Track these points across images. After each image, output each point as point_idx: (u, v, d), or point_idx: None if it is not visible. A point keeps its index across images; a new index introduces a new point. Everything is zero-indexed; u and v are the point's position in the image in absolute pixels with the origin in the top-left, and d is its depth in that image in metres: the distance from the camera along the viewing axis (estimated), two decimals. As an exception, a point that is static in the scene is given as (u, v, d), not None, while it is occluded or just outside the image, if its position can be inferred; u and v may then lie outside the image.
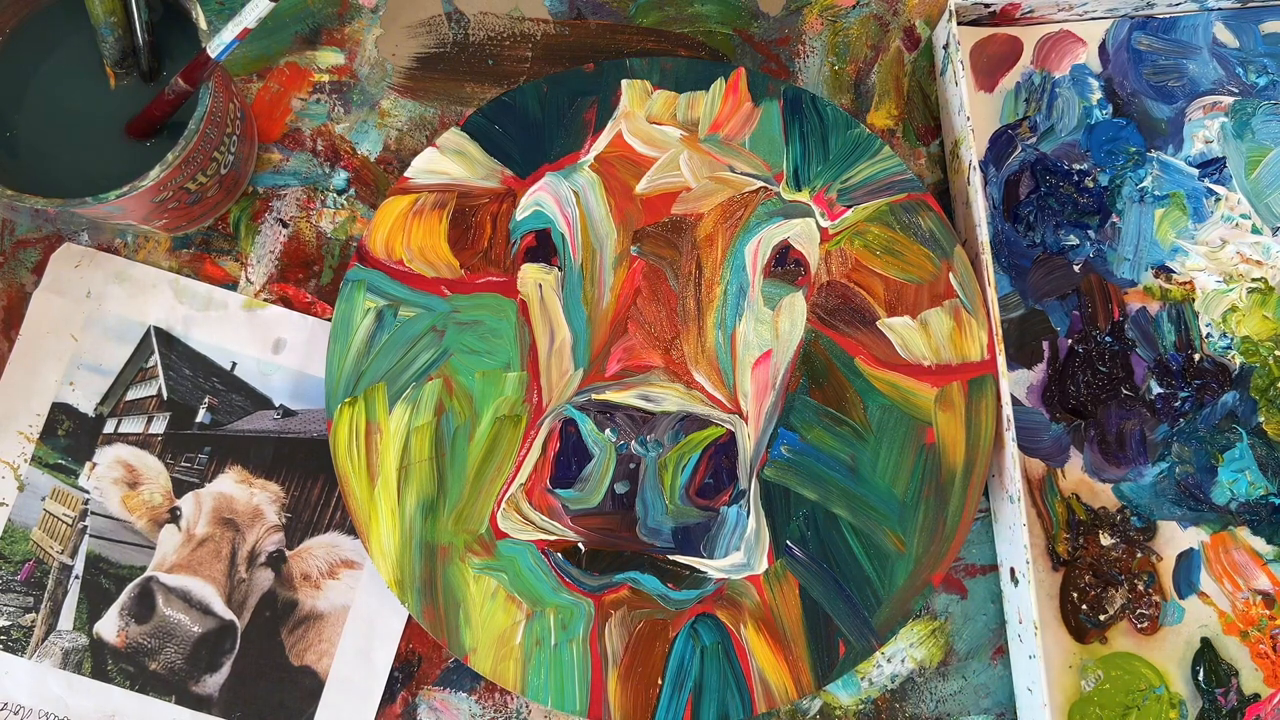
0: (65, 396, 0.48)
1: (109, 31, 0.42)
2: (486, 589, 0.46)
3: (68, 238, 0.49)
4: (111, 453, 0.48)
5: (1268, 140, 0.51)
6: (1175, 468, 0.49)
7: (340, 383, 0.47)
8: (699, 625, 0.46)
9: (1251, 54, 0.52)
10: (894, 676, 0.48)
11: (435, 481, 0.47)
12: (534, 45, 0.52)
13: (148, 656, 0.46)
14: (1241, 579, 0.48)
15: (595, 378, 0.47)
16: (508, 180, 0.49)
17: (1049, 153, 0.51)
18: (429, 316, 0.48)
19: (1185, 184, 0.51)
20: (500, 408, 0.47)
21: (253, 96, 0.51)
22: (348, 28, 0.51)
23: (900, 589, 0.46)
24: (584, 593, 0.46)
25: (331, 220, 0.50)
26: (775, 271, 0.48)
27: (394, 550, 0.46)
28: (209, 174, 0.44)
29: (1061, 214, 0.50)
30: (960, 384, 0.47)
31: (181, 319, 0.49)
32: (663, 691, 0.46)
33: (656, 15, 0.52)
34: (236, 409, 0.48)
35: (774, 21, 0.52)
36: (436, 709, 0.47)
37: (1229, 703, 0.47)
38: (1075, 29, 0.52)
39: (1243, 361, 0.49)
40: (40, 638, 0.46)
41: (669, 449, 0.46)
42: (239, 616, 0.47)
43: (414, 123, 0.51)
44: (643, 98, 0.50)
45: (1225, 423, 0.49)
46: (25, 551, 0.47)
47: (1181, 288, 0.50)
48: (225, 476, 0.48)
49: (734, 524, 0.47)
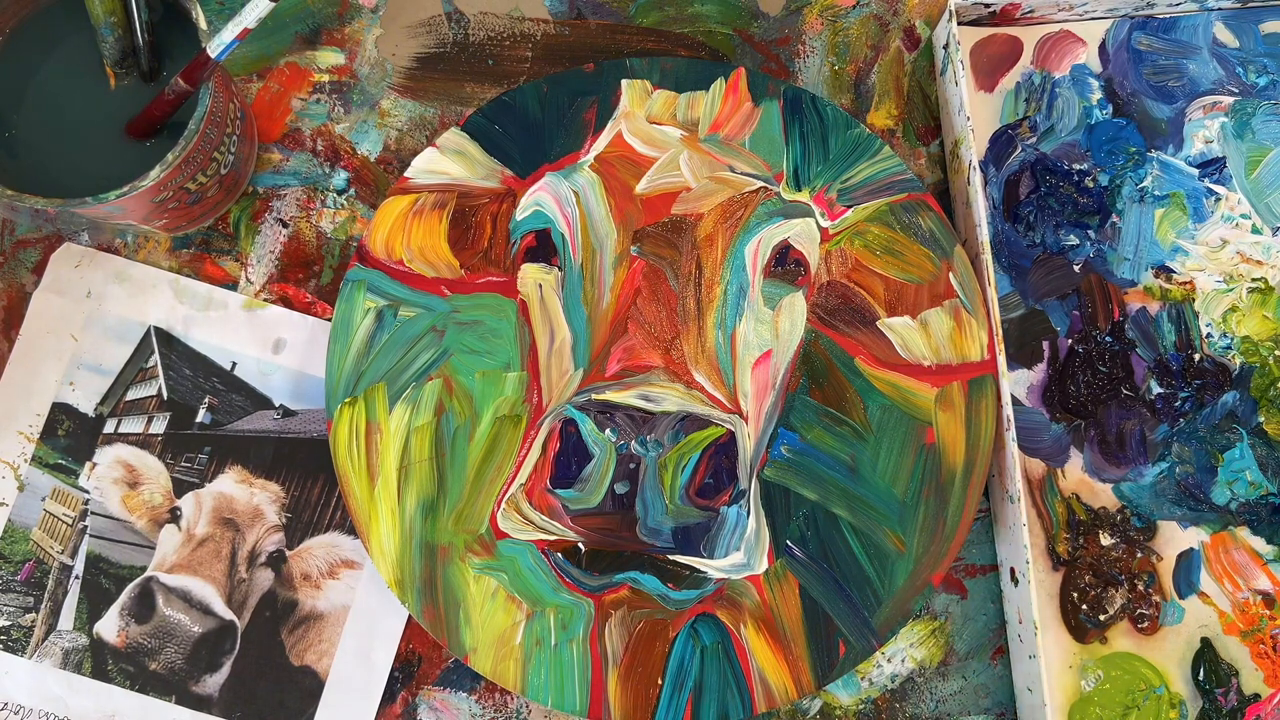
0: (65, 396, 0.48)
1: (109, 31, 0.42)
2: (486, 589, 0.46)
3: (68, 238, 0.49)
4: (112, 453, 0.48)
5: (1268, 140, 0.51)
6: (1175, 468, 0.49)
7: (340, 383, 0.47)
8: (699, 625, 0.46)
9: (1251, 54, 0.52)
10: (894, 676, 0.48)
11: (435, 481, 0.47)
12: (534, 45, 0.52)
13: (148, 656, 0.46)
14: (1242, 579, 0.48)
15: (595, 378, 0.47)
16: (508, 180, 0.49)
17: (1049, 153, 0.51)
18: (429, 316, 0.48)
19: (1185, 184, 0.51)
20: (500, 408, 0.47)
21: (253, 96, 0.51)
22: (348, 28, 0.51)
23: (900, 589, 0.46)
24: (584, 593, 0.46)
25: (331, 220, 0.50)
26: (775, 271, 0.48)
27: (394, 550, 0.46)
28: (209, 174, 0.44)
29: (1061, 214, 0.50)
30: (960, 384, 0.47)
31: (181, 319, 0.49)
32: (663, 691, 0.46)
33: (656, 15, 0.52)
34: (236, 409, 0.48)
35: (774, 21, 0.52)
36: (436, 709, 0.47)
37: (1229, 703, 0.47)
38: (1075, 29, 0.52)
39: (1243, 361, 0.49)
40: (40, 638, 0.46)
41: (669, 449, 0.46)
42: (239, 616, 0.47)
43: (414, 123, 0.51)
44: (643, 98, 0.50)
45: (1225, 423, 0.49)
46: (25, 551, 0.47)
47: (1182, 288, 0.50)
48: (225, 476, 0.48)
49: (734, 524, 0.47)
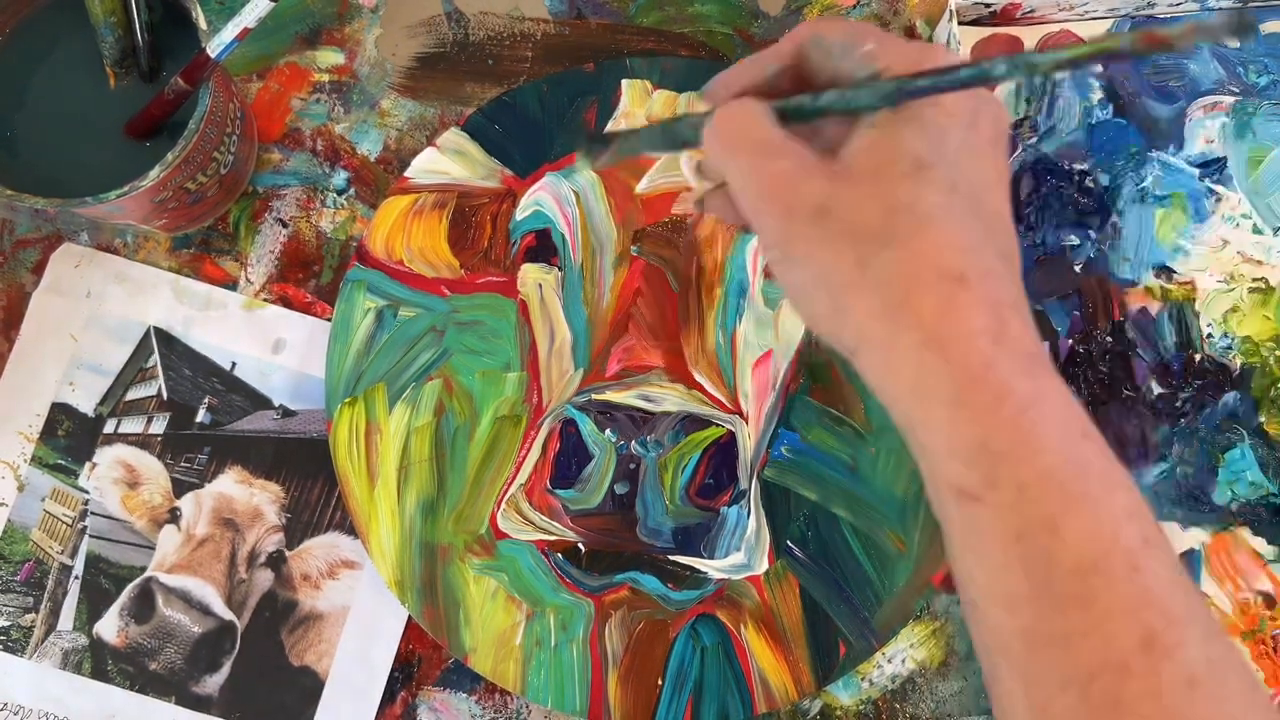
0: (65, 396, 0.48)
1: (109, 31, 0.42)
2: (486, 589, 0.46)
3: (67, 237, 0.49)
4: (111, 453, 0.48)
5: (1268, 140, 0.51)
6: (1176, 468, 0.49)
7: (340, 383, 0.47)
8: (699, 626, 0.46)
9: (1252, 54, 0.52)
10: (894, 677, 0.48)
11: (435, 482, 0.47)
12: (534, 45, 0.52)
13: (148, 657, 0.46)
14: (1243, 580, 0.48)
15: (595, 378, 0.47)
16: (508, 180, 0.49)
17: (1050, 153, 0.51)
18: (429, 316, 0.48)
19: (1186, 184, 0.51)
20: (500, 408, 0.47)
21: (252, 96, 0.51)
22: (348, 27, 0.51)
23: (901, 589, 0.46)
24: (584, 593, 0.46)
25: (331, 220, 0.50)
26: (775, 271, 0.48)
27: (394, 550, 0.46)
28: (209, 174, 0.44)
29: (1062, 214, 0.50)
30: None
31: (181, 319, 0.49)
32: (663, 692, 0.46)
33: (657, 15, 0.52)
34: (236, 409, 0.48)
35: (774, 21, 0.52)
36: (436, 709, 0.47)
37: (1230, 703, 0.47)
38: (1076, 29, 0.52)
39: (1244, 362, 0.49)
40: (40, 638, 0.46)
41: (669, 449, 0.46)
42: (239, 617, 0.47)
43: (414, 122, 0.51)
44: (643, 98, 0.49)
45: (1226, 423, 0.49)
46: (25, 552, 0.47)
47: (1182, 288, 0.50)
48: (225, 477, 0.48)
49: (734, 524, 0.47)
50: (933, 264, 0.27)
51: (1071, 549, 0.26)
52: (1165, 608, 0.26)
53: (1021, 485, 0.27)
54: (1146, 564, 0.27)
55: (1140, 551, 0.27)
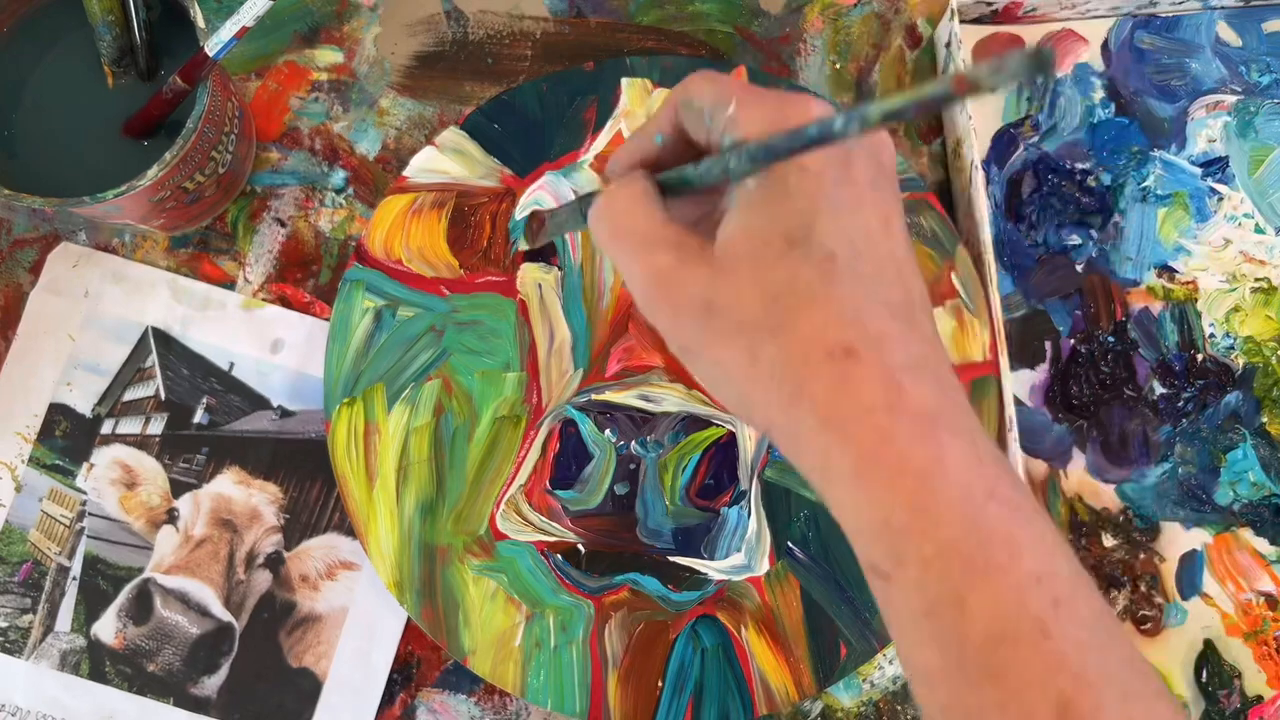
0: (63, 397, 0.48)
1: (107, 30, 0.42)
2: (486, 590, 0.46)
3: (65, 237, 0.49)
4: (109, 453, 0.48)
5: (1271, 139, 0.51)
6: (1178, 468, 0.49)
7: (339, 383, 0.47)
8: (699, 627, 0.46)
9: (1254, 53, 0.52)
10: (895, 678, 0.48)
11: (434, 482, 0.46)
12: (533, 43, 0.51)
13: (145, 658, 0.46)
14: (1245, 580, 0.48)
15: (595, 378, 0.47)
16: (507, 179, 0.49)
17: (1051, 152, 0.51)
18: (428, 316, 0.47)
19: (1188, 183, 0.50)
20: (500, 408, 0.47)
21: (251, 95, 0.50)
22: (346, 26, 0.51)
23: (902, 590, 0.46)
24: (584, 594, 0.46)
25: (330, 219, 0.50)
26: (776, 271, 0.48)
27: (392, 551, 0.46)
28: (207, 173, 0.44)
29: (1064, 213, 0.50)
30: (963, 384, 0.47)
31: (179, 319, 0.48)
32: (663, 694, 0.45)
33: (657, 13, 0.52)
34: (234, 409, 0.48)
35: (775, 20, 0.52)
36: (435, 711, 0.47)
37: (1232, 705, 0.47)
38: (1078, 28, 0.52)
39: (1246, 362, 0.49)
40: (38, 639, 0.46)
41: (669, 450, 0.46)
42: (237, 618, 0.46)
43: (413, 121, 0.51)
44: (643, 96, 0.49)
45: (1228, 423, 0.49)
46: (23, 552, 0.47)
47: (1184, 287, 0.50)
48: (223, 477, 0.47)
49: (735, 525, 0.46)
50: (818, 345, 0.27)
51: (979, 623, 0.26)
52: (1078, 672, 0.26)
53: (925, 562, 0.26)
54: (1057, 628, 0.26)
55: (1050, 616, 0.26)
